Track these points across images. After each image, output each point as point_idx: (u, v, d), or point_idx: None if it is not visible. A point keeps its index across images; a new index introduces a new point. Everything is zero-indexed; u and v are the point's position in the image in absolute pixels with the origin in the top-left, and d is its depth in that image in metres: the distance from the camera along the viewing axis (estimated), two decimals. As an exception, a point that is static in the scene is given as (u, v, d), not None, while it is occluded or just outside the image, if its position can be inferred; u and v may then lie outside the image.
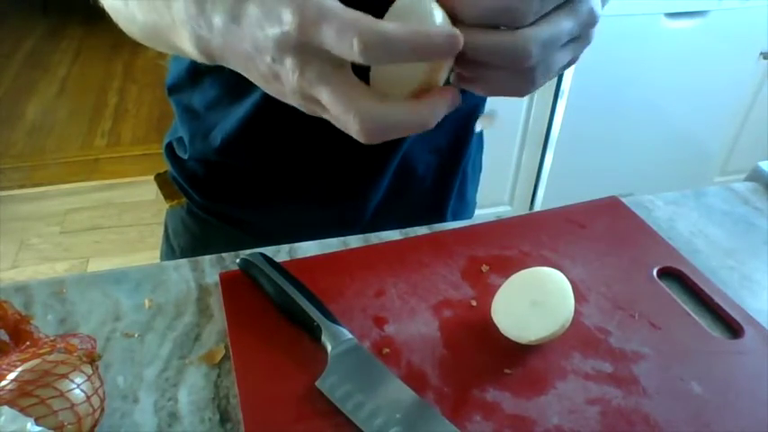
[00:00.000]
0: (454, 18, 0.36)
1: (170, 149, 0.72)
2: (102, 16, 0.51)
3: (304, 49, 0.33)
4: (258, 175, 0.67)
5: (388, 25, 0.32)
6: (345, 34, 0.32)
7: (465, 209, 0.80)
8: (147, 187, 2.29)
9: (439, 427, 0.42)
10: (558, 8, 0.37)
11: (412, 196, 0.71)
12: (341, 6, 0.33)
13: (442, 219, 0.74)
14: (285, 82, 0.35)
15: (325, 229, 0.61)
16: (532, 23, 0.36)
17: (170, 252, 0.77)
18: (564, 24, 0.38)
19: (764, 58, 1.87)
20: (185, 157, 0.69)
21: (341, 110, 0.34)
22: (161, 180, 0.74)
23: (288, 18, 0.33)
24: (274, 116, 0.57)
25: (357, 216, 0.69)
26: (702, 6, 1.73)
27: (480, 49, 0.36)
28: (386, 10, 0.37)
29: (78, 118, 2.79)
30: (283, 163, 0.66)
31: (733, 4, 1.74)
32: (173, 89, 0.69)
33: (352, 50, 0.32)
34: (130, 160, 2.49)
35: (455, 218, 0.76)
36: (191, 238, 0.74)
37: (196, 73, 0.65)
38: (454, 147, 0.71)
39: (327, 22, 0.32)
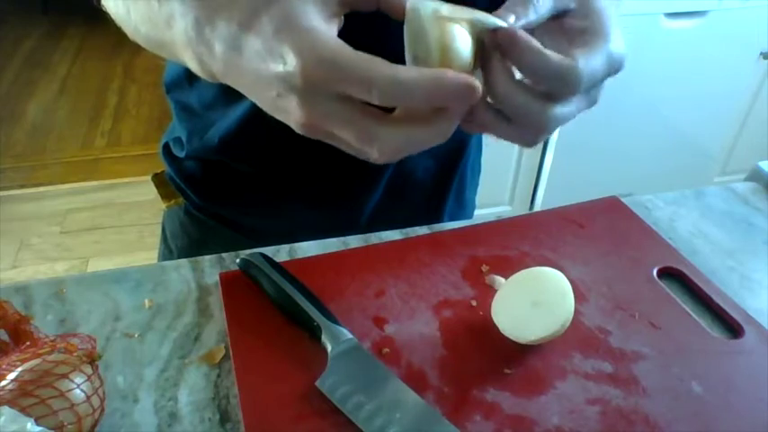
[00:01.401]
0: (512, 64, 0.36)
1: (167, 149, 0.72)
2: (102, 16, 0.51)
3: (311, 90, 0.33)
4: (256, 176, 0.67)
5: (403, 72, 0.32)
6: (362, 86, 0.32)
7: (463, 212, 0.79)
8: (147, 187, 2.27)
9: (439, 427, 0.42)
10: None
11: (409, 199, 0.71)
12: (350, 52, 0.33)
13: (440, 221, 0.74)
14: (292, 115, 0.35)
15: (322, 232, 0.61)
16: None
17: (168, 253, 0.77)
18: (580, 106, 0.40)
19: (764, 58, 1.87)
20: (182, 156, 0.69)
21: (359, 143, 0.34)
22: (158, 180, 0.74)
23: (290, 60, 0.32)
24: (273, 117, 0.57)
25: (354, 218, 0.69)
26: (702, 6, 1.72)
27: (510, 107, 0.37)
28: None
29: (78, 118, 2.79)
30: (281, 164, 0.66)
31: (733, 4, 1.74)
32: (170, 87, 0.69)
33: (370, 97, 0.32)
34: (130, 160, 2.49)
35: (453, 220, 0.76)
36: (188, 240, 0.74)
37: (193, 72, 0.65)
38: (453, 150, 0.71)
39: (341, 76, 0.32)
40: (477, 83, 0.33)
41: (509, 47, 0.36)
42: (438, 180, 0.72)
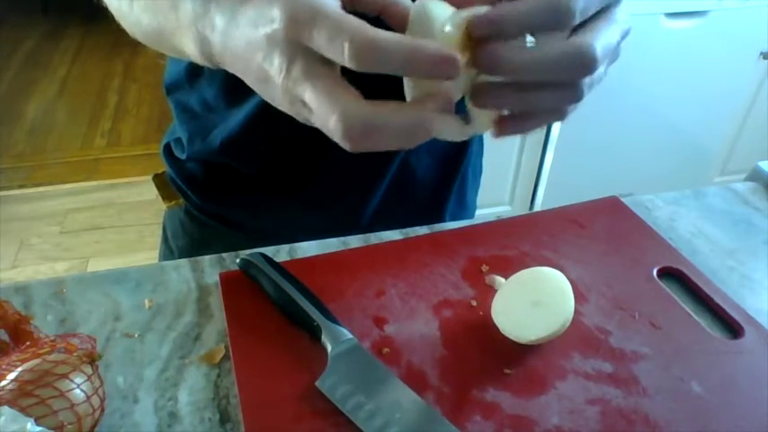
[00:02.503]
0: (498, 33, 0.33)
1: (168, 150, 0.72)
2: (102, 16, 0.51)
3: (292, 47, 0.33)
4: (257, 178, 0.67)
5: (383, 33, 0.31)
6: (337, 38, 0.31)
7: (464, 213, 0.79)
8: (147, 187, 2.28)
9: (439, 427, 0.42)
10: (597, 15, 0.36)
11: (410, 200, 0.71)
12: (336, 9, 0.32)
13: (441, 222, 0.74)
14: (273, 82, 0.34)
15: (323, 233, 0.61)
16: (580, 30, 0.35)
17: (168, 253, 0.77)
18: (612, 30, 0.36)
19: (764, 58, 1.87)
20: (183, 157, 0.69)
21: (323, 109, 0.33)
22: (159, 181, 0.74)
23: (277, 16, 0.32)
24: (275, 119, 0.57)
25: (355, 219, 0.69)
26: (702, 6, 1.72)
27: (544, 64, 0.34)
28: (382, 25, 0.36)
29: (78, 118, 2.79)
30: (283, 165, 0.66)
31: (733, 4, 1.74)
32: (171, 88, 0.69)
33: (342, 55, 0.31)
34: (130, 160, 2.49)
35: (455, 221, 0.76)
36: (189, 240, 0.74)
37: (194, 73, 0.65)
38: (454, 150, 0.71)
39: (319, 23, 0.31)
40: (459, 57, 0.32)
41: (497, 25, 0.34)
42: (439, 181, 0.72)
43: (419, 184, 0.70)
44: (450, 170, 0.72)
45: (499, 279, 0.54)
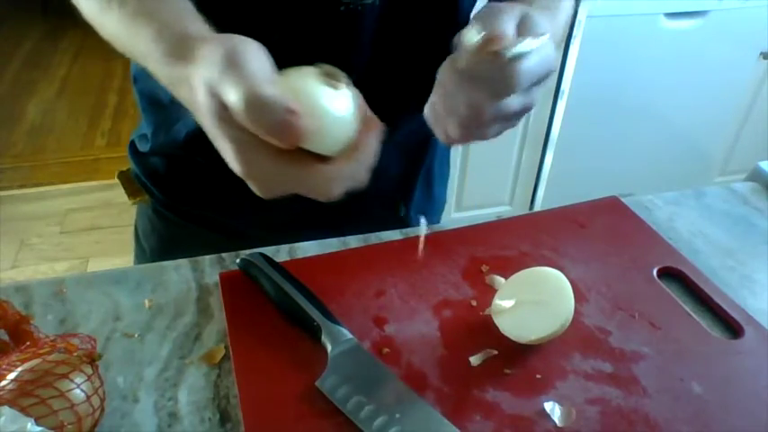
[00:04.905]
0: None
1: (133, 147, 0.73)
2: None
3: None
4: (220, 173, 0.66)
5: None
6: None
7: (432, 207, 0.79)
8: (147, 187, 2.29)
9: (439, 427, 0.42)
10: None
11: (376, 192, 0.70)
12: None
13: (408, 215, 0.73)
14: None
15: (294, 229, 0.61)
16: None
17: (141, 253, 0.76)
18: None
19: (764, 58, 1.87)
20: (147, 150, 0.69)
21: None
22: (124, 178, 0.74)
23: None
24: None
25: (322, 214, 0.68)
26: (702, 6, 1.72)
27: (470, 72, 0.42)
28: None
29: (78, 118, 2.78)
30: None
31: (733, 4, 1.73)
32: (138, 77, 0.69)
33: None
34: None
35: (424, 214, 0.74)
36: (159, 239, 0.74)
37: None
38: (418, 142, 0.70)
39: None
40: (296, 109, 0.35)
41: None
42: (404, 172, 0.71)
43: (383, 176, 0.69)
44: (414, 161, 0.71)
45: (499, 279, 0.54)
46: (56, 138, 2.65)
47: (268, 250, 0.57)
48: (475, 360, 0.47)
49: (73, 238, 2.14)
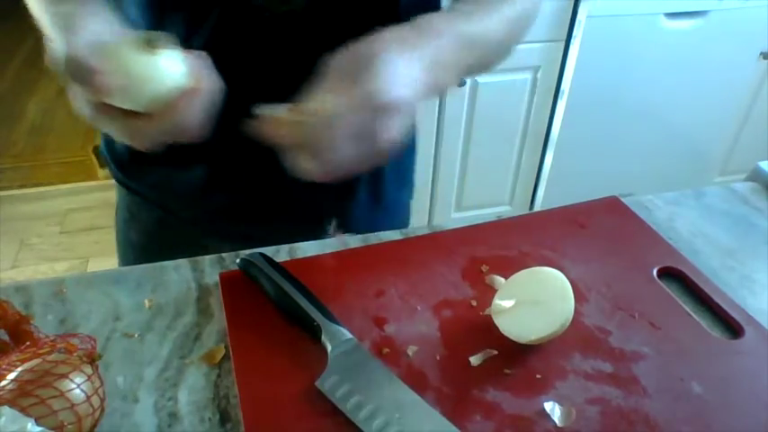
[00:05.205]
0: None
1: None
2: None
3: None
4: (164, 156, 0.66)
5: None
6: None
7: (383, 213, 0.74)
8: (147, 187, 2.29)
9: (439, 427, 0.42)
10: None
11: (316, 189, 0.67)
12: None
13: (351, 215, 0.70)
14: None
15: (237, 220, 0.62)
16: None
17: (118, 230, 0.78)
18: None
19: (764, 58, 1.87)
20: None
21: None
22: (96, 151, 0.76)
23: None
24: None
25: (260, 203, 0.68)
26: (702, 6, 1.72)
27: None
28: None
29: (78, 118, 2.77)
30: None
31: (733, 4, 1.73)
32: None
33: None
34: (130, 160, 2.48)
35: (372, 225, 0.66)
36: (125, 214, 0.76)
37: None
38: None
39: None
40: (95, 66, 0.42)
41: None
42: (338, 184, 0.69)
43: (308, 187, 0.67)
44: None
45: (499, 279, 0.54)
46: (56, 137, 2.65)
47: (268, 250, 0.57)
48: (475, 360, 0.47)
49: (73, 238, 2.13)
